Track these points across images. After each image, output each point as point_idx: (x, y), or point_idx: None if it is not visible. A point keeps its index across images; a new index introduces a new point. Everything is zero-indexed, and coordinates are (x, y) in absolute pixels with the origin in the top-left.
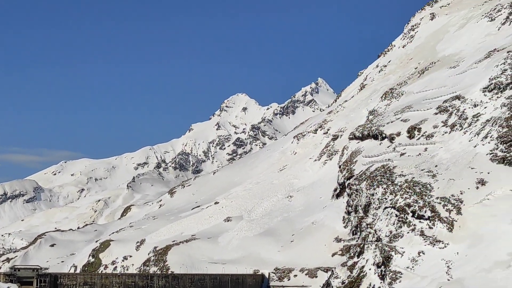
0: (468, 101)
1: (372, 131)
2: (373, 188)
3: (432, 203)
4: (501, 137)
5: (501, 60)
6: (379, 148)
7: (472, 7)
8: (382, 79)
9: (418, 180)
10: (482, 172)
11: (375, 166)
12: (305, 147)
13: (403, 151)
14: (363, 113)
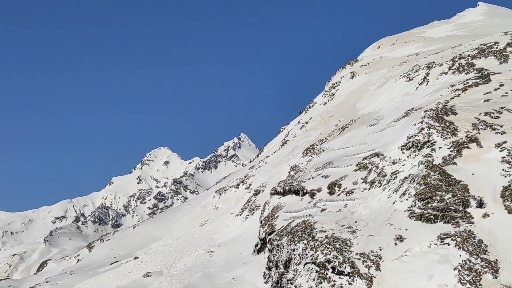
0: (387, 158)
1: (293, 186)
2: (294, 243)
3: (352, 259)
4: (419, 194)
5: (418, 119)
6: (300, 204)
7: (391, 67)
8: (303, 135)
9: (338, 236)
10: (401, 229)
11: (296, 221)
12: (226, 202)
13: (323, 207)
14: (284, 168)
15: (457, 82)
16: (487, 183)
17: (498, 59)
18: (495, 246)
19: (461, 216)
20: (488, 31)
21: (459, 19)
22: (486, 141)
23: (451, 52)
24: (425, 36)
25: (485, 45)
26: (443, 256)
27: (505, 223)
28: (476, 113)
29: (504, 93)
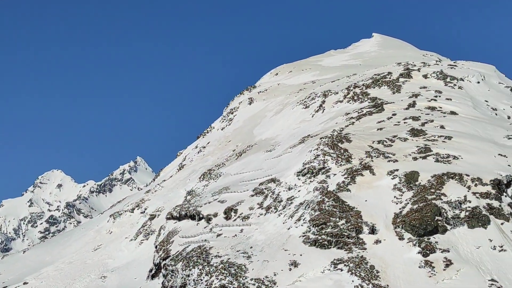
0: (283, 184)
1: (189, 211)
2: (189, 268)
3: (247, 284)
4: (313, 220)
5: (314, 145)
6: (196, 229)
7: (288, 94)
8: (201, 160)
9: (234, 261)
10: (295, 254)
11: (191, 246)
12: (121, 226)
13: (219, 232)
14: (181, 193)
15: (352, 111)
16: (379, 210)
17: (391, 89)
18: (386, 272)
19: (354, 242)
20: (382, 61)
21: (354, 49)
22: (379, 168)
23: (347, 81)
24: (321, 64)
25: (379, 75)
26: (336, 282)
27: (396, 249)
28: (369, 141)
29: (397, 122)
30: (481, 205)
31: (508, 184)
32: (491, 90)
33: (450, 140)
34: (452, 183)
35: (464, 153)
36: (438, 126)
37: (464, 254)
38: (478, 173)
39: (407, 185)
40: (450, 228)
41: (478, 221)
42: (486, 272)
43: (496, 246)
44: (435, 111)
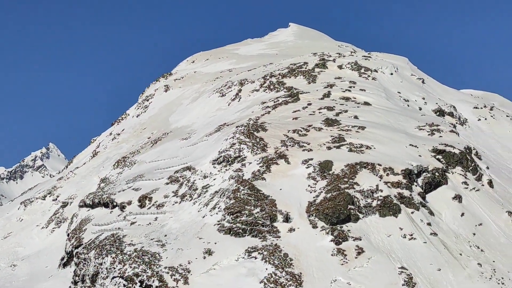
0: (198, 172)
1: (103, 199)
2: (101, 257)
3: (161, 273)
4: (228, 208)
5: (230, 134)
6: (109, 217)
7: (205, 82)
8: (115, 147)
9: (148, 249)
10: (210, 242)
11: (105, 234)
12: (32, 214)
13: (133, 220)
14: (94, 180)
15: (268, 100)
16: (293, 198)
17: (307, 79)
18: (299, 260)
19: (268, 231)
20: (298, 51)
21: (271, 38)
22: (293, 157)
23: (263, 70)
24: (238, 53)
25: (295, 64)
26: (250, 270)
27: (309, 237)
28: (285, 130)
29: (312, 111)
30: (393, 194)
31: (418, 174)
32: (404, 81)
33: (363, 130)
34: (364, 173)
35: (376, 143)
36: (352, 116)
37: (375, 242)
38: (390, 163)
39: (321, 174)
40: (362, 217)
41: (389, 210)
42: (396, 260)
43: (406, 234)
44: (349, 101)
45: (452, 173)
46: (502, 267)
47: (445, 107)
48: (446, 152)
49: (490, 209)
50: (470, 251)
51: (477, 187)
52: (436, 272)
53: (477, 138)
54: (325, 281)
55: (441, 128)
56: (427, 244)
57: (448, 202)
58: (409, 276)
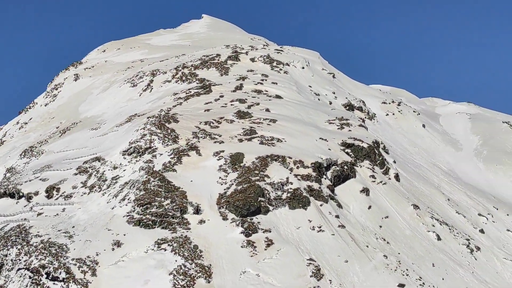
0: (108, 163)
1: (9, 189)
2: (6, 248)
3: (68, 265)
4: (138, 200)
5: (141, 125)
6: (15, 207)
7: (115, 72)
8: (22, 136)
9: (55, 240)
10: (119, 234)
11: (10, 225)
12: None
13: (40, 211)
14: (0, 170)
15: (180, 91)
16: (204, 190)
17: (219, 70)
18: (209, 252)
19: (178, 222)
20: (211, 43)
21: (184, 29)
22: (205, 149)
23: (175, 61)
24: (150, 43)
25: (207, 56)
26: (159, 261)
27: (220, 229)
28: (197, 122)
29: (224, 104)
30: (302, 187)
31: (328, 167)
32: (315, 76)
33: (274, 123)
34: (275, 165)
35: (287, 136)
36: (263, 109)
37: (284, 234)
38: (300, 156)
39: (232, 166)
40: (272, 209)
41: (298, 202)
42: (305, 252)
43: (315, 226)
44: (261, 94)
45: (360, 167)
46: (407, 259)
47: (355, 102)
48: (355, 146)
49: (396, 202)
50: (376, 243)
51: (384, 181)
52: (343, 264)
53: (384, 132)
54: (234, 273)
55: (351, 122)
56: (335, 236)
57: (356, 195)
58: (317, 268)
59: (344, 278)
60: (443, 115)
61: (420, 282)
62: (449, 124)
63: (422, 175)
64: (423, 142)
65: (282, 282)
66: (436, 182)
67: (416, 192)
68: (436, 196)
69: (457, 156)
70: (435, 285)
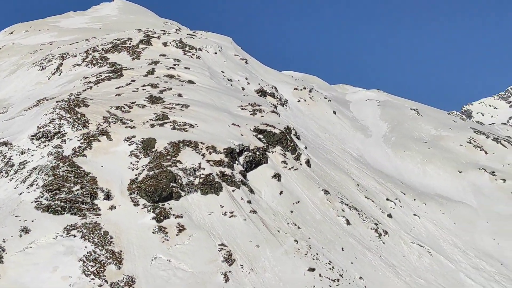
0: (15, 148)
1: None
2: None
3: None
4: (47, 185)
5: (50, 109)
6: None
7: (23, 54)
8: None
9: None
10: (27, 220)
11: None
12: None
13: None
14: None
15: (90, 75)
16: (115, 176)
17: (131, 55)
18: (120, 238)
19: (88, 208)
20: (122, 26)
21: (94, 12)
22: (116, 134)
23: (86, 44)
24: (59, 26)
25: (119, 40)
26: (68, 248)
27: (130, 215)
28: (107, 107)
29: (135, 88)
30: (215, 172)
31: (240, 152)
32: (228, 61)
33: (187, 108)
34: (187, 151)
35: (200, 121)
36: (176, 94)
37: (196, 220)
38: (213, 141)
39: (144, 151)
40: (184, 195)
41: (211, 188)
42: (216, 237)
43: (227, 212)
44: (174, 79)
45: (272, 153)
46: (317, 243)
47: (267, 88)
48: (267, 131)
49: (307, 188)
50: (288, 228)
51: (295, 166)
52: (254, 249)
53: (296, 118)
54: (145, 259)
55: (263, 108)
56: (247, 221)
57: (268, 181)
58: (229, 253)
59: (255, 263)
60: (353, 101)
61: (330, 266)
62: (359, 110)
63: (333, 161)
64: (334, 128)
65: (193, 268)
66: (346, 167)
67: (326, 178)
68: (346, 181)
69: (366, 142)
70: (344, 269)
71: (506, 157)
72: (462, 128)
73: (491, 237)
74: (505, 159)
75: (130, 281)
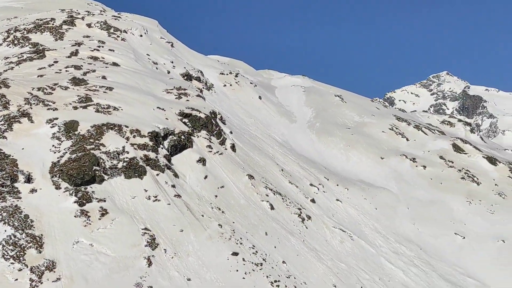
0: None
1: None
2: None
3: None
4: None
5: None
6: None
7: None
8: None
9: None
10: None
11: None
12: None
13: None
14: None
15: (12, 55)
16: (37, 159)
17: (54, 35)
18: (41, 221)
19: (8, 191)
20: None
21: None
22: (38, 116)
23: (7, 24)
24: None
25: (41, 20)
26: None
27: (52, 199)
28: (29, 88)
29: (58, 70)
30: (139, 156)
31: (165, 136)
32: (153, 44)
33: (111, 91)
34: (111, 134)
35: (124, 104)
36: (100, 77)
37: (120, 204)
38: (137, 125)
39: (67, 134)
40: (108, 178)
41: (135, 171)
42: (140, 221)
43: (151, 196)
44: (98, 61)
45: (198, 137)
46: (241, 228)
47: (193, 72)
48: (193, 116)
49: (232, 172)
50: (212, 213)
51: (220, 151)
52: (178, 233)
53: (222, 103)
54: (67, 243)
55: (188, 92)
56: (171, 205)
57: (192, 165)
58: (152, 237)
59: (179, 247)
60: (278, 87)
61: (253, 250)
62: (285, 96)
63: (258, 146)
64: (259, 113)
65: (116, 252)
66: (271, 153)
67: (251, 163)
68: (270, 166)
69: (291, 127)
70: (267, 253)
71: (426, 144)
72: (384, 115)
73: (411, 222)
74: (425, 146)
75: (51, 265)
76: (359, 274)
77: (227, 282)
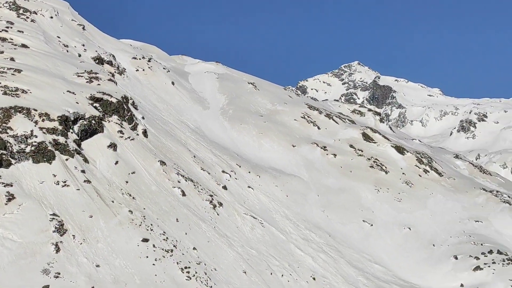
0: None
1: None
2: None
3: None
4: None
5: None
6: None
7: None
8: None
9: None
10: None
11: None
12: None
13: None
14: None
15: None
16: None
17: None
18: None
19: None
20: None
21: None
22: None
23: None
24: None
25: None
26: None
27: None
28: None
29: None
30: (48, 140)
31: (75, 121)
32: (64, 26)
33: (19, 73)
34: (19, 117)
35: (33, 87)
36: (8, 58)
37: (27, 189)
38: (47, 108)
39: None
40: (15, 163)
41: (43, 156)
42: (48, 207)
43: (60, 181)
44: (6, 42)
45: (109, 122)
46: (152, 214)
47: (105, 56)
48: (104, 100)
49: (143, 158)
50: (122, 199)
51: (132, 136)
52: (87, 219)
53: (134, 88)
54: None
55: (100, 76)
56: (80, 191)
57: (103, 150)
58: (61, 223)
59: (88, 233)
60: (192, 73)
61: (164, 236)
62: (198, 82)
63: (170, 132)
64: (172, 99)
65: (23, 238)
66: (183, 139)
67: (163, 149)
68: (182, 153)
69: (204, 114)
70: (178, 240)
71: (337, 133)
72: (297, 103)
73: (321, 209)
74: (336, 134)
75: None
76: (269, 260)
77: (137, 268)
